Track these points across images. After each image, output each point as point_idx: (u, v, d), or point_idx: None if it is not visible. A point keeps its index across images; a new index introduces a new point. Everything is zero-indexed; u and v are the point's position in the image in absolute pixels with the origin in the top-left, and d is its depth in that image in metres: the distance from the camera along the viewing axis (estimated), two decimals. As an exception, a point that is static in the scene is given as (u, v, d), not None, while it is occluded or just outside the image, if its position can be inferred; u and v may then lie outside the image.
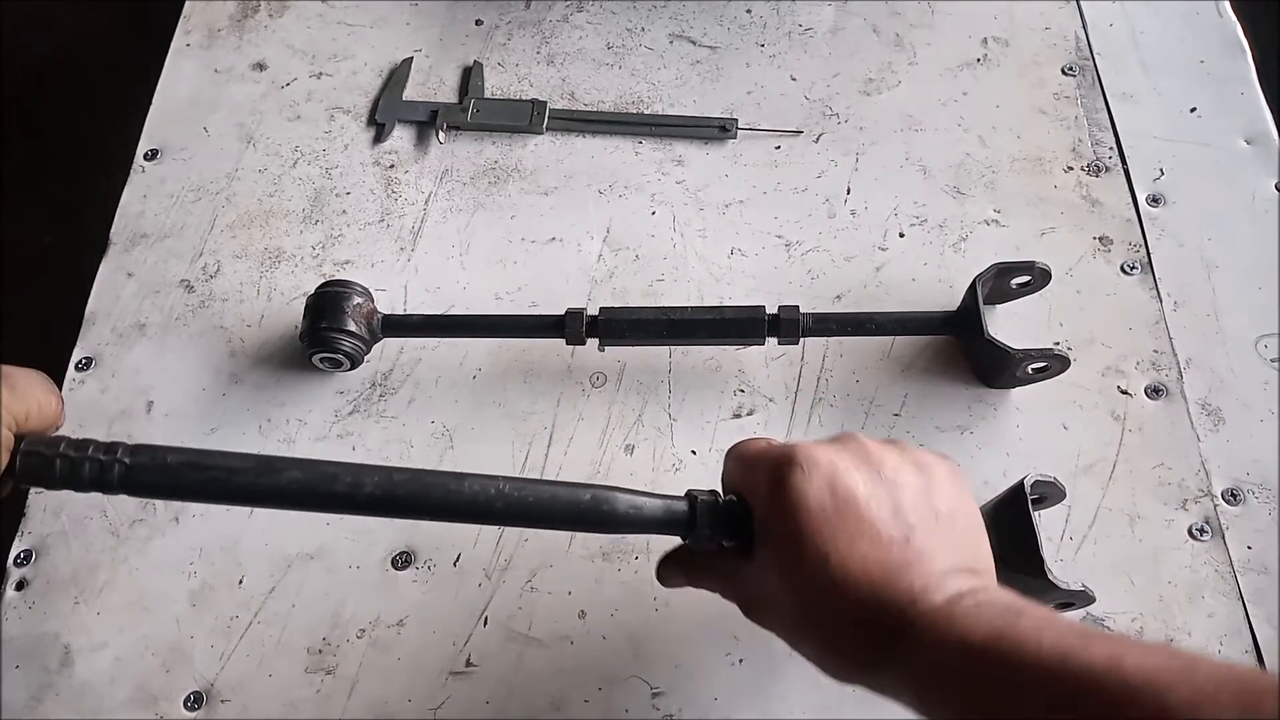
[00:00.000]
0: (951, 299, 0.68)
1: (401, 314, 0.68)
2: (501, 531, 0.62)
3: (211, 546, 0.62)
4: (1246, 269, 0.70)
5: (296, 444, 0.65)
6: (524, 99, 0.79)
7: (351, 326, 0.64)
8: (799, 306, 0.63)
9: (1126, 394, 0.65)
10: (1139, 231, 0.71)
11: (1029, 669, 0.36)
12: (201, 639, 0.59)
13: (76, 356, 0.69)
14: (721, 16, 0.84)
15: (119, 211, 0.75)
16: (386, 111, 0.79)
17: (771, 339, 0.64)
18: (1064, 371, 0.63)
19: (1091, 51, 0.80)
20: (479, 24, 0.84)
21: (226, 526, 0.62)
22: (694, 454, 0.64)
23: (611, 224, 0.74)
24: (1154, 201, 0.73)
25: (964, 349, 0.67)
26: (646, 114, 0.78)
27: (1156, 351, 0.67)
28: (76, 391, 0.68)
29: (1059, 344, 0.67)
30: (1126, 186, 0.73)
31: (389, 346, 0.68)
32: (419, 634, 0.59)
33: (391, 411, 0.66)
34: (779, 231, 0.73)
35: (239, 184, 0.76)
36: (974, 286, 0.63)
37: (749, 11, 0.84)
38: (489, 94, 0.80)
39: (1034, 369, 0.63)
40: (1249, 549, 0.60)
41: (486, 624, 0.59)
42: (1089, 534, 0.61)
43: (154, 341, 0.70)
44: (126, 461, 0.44)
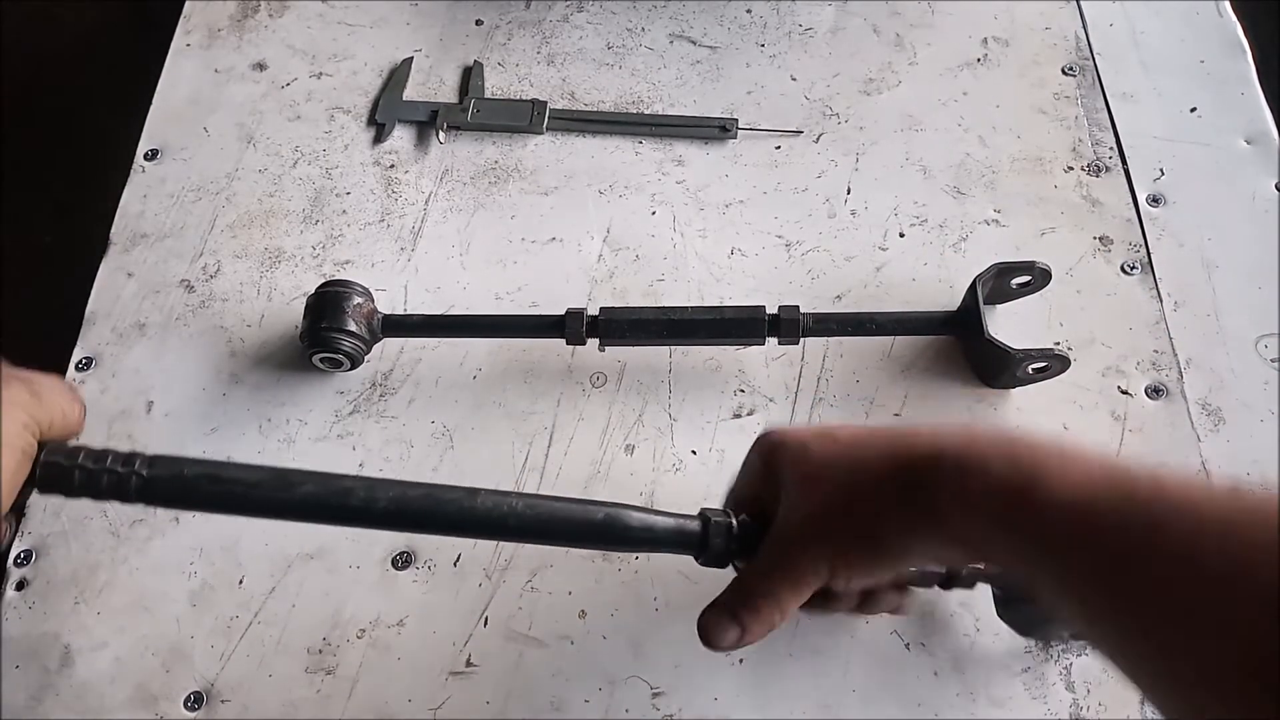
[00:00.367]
0: (951, 299, 0.68)
1: (401, 314, 0.68)
2: (501, 531, 0.62)
3: (211, 546, 0.62)
4: (1246, 269, 0.70)
5: (296, 444, 0.65)
6: (524, 99, 0.79)
7: (351, 326, 0.64)
8: (799, 306, 0.63)
9: (1127, 394, 0.65)
10: (1139, 231, 0.71)
11: (1076, 498, 0.37)
12: (201, 639, 0.59)
13: (76, 356, 0.69)
14: (721, 16, 0.84)
15: (119, 211, 0.75)
16: (386, 111, 0.79)
17: (771, 339, 0.64)
18: (1064, 371, 0.63)
19: (1092, 51, 0.80)
20: (479, 24, 0.84)
21: (226, 527, 0.62)
22: (694, 454, 0.64)
23: (612, 224, 0.74)
24: (1154, 201, 0.73)
25: (964, 349, 0.67)
26: (646, 114, 0.78)
27: (1157, 351, 0.67)
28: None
29: (1059, 344, 0.67)
30: (1126, 186, 0.73)
31: (389, 346, 0.68)
32: (419, 634, 0.59)
33: (391, 411, 0.66)
34: (779, 231, 0.73)
35: (239, 184, 0.76)
36: (974, 286, 0.63)
37: (749, 11, 0.84)
38: (489, 94, 0.80)
39: (1034, 369, 0.63)
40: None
41: (486, 624, 0.59)
42: (1089, 534, 0.61)
43: (154, 341, 0.70)
44: (144, 473, 0.45)
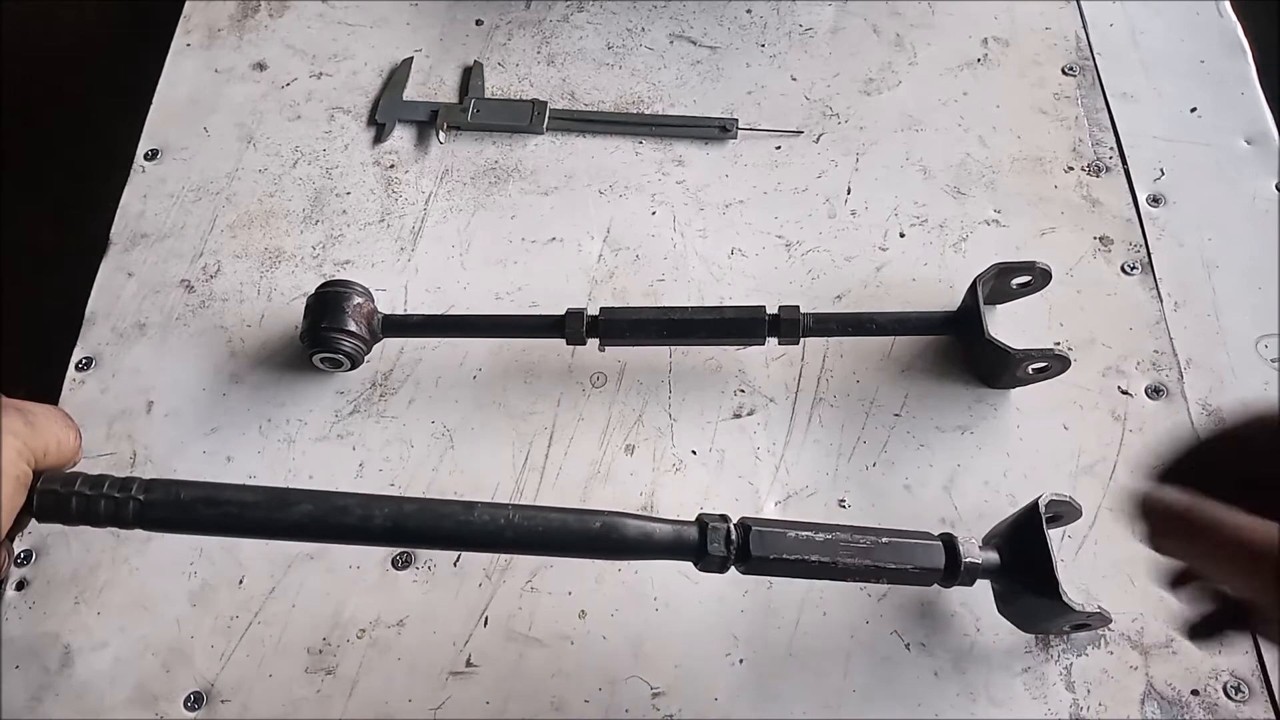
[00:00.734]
0: (952, 299, 0.68)
1: (402, 314, 0.68)
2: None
3: (211, 546, 0.62)
4: (1246, 269, 0.70)
5: (296, 444, 0.65)
6: (524, 99, 0.79)
7: (351, 326, 0.64)
8: (799, 306, 0.63)
9: (1127, 394, 0.65)
10: (1139, 231, 0.71)
11: None
12: (201, 639, 0.59)
13: (76, 356, 0.69)
14: (721, 16, 0.84)
15: (119, 211, 0.75)
16: (386, 111, 0.79)
17: (772, 339, 0.64)
18: (1064, 371, 0.63)
19: (1092, 51, 0.80)
20: (479, 24, 0.84)
21: (226, 526, 0.62)
22: (694, 454, 0.64)
23: (612, 224, 0.74)
24: (1154, 201, 0.73)
25: (964, 349, 0.67)
26: (647, 114, 0.78)
27: (1157, 351, 0.67)
28: (76, 391, 0.68)
29: (1059, 344, 0.67)
30: (1127, 186, 0.73)
31: (389, 346, 0.68)
32: (419, 634, 0.59)
33: (391, 411, 0.66)
34: (779, 231, 0.73)
35: (239, 184, 0.76)
36: (974, 286, 0.63)
37: (749, 11, 0.84)
38: (489, 94, 0.80)
39: (1034, 369, 0.63)
40: None
41: (486, 624, 0.59)
42: (1089, 534, 0.61)
43: (154, 341, 0.70)
44: (141, 498, 0.45)
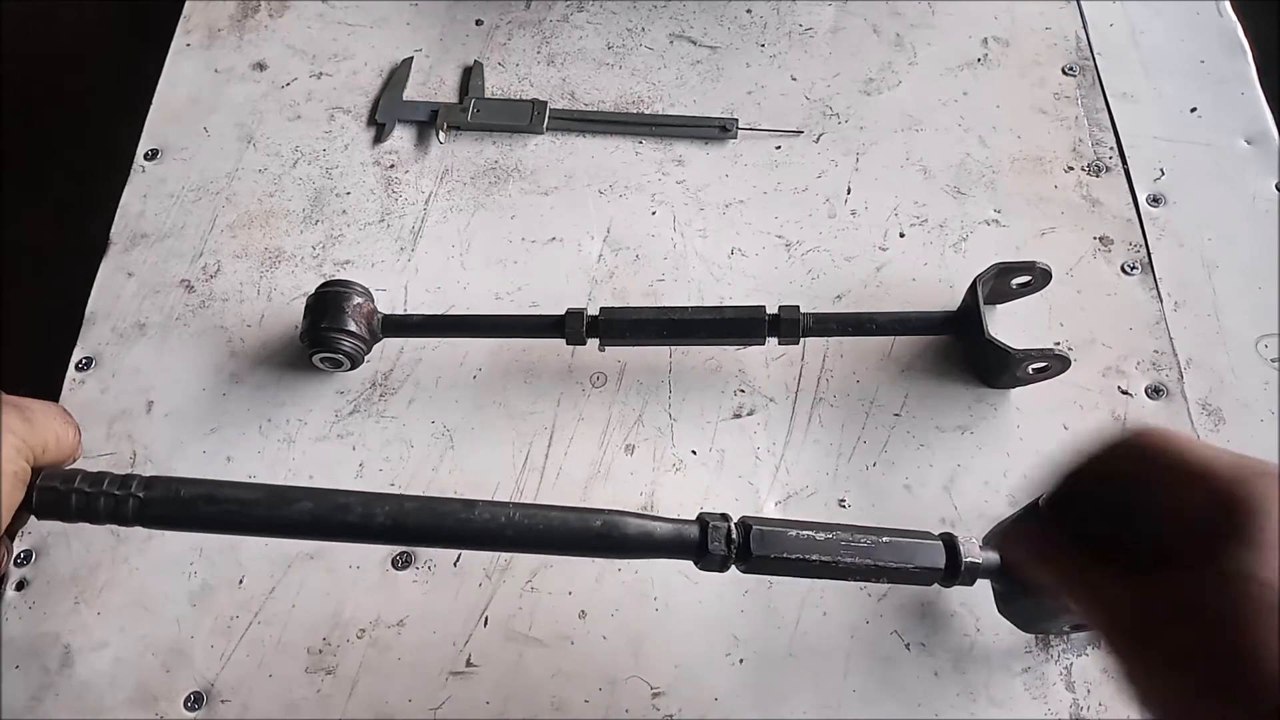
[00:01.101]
0: (952, 299, 0.68)
1: (401, 314, 0.68)
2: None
3: (211, 546, 0.62)
4: (1246, 269, 0.70)
5: (296, 444, 0.65)
6: (524, 99, 0.79)
7: (351, 326, 0.64)
8: (799, 306, 0.63)
9: (1127, 394, 0.65)
10: (1139, 231, 0.71)
11: None
12: (201, 639, 0.59)
13: (76, 356, 0.69)
14: (721, 16, 0.84)
15: (119, 211, 0.75)
16: (386, 111, 0.79)
17: (772, 339, 0.64)
18: (1064, 371, 0.63)
19: (1092, 51, 0.80)
20: (479, 24, 0.84)
21: (226, 526, 0.62)
22: (694, 454, 0.64)
23: (612, 224, 0.74)
24: (1154, 201, 0.73)
25: (964, 349, 0.67)
26: (646, 114, 0.78)
27: (1157, 351, 0.67)
28: (76, 391, 0.68)
29: (1059, 344, 0.67)
30: (1127, 186, 0.73)
31: (389, 346, 0.68)
32: (419, 634, 0.59)
33: (391, 411, 0.66)
34: (779, 231, 0.73)
35: (239, 184, 0.76)
36: (974, 286, 0.63)
37: (749, 11, 0.84)
38: (489, 94, 0.80)
39: (1034, 369, 0.63)
40: None
41: (486, 624, 0.59)
42: (1089, 534, 0.61)
43: (154, 341, 0.70)
44: (141, 495, 0.45)
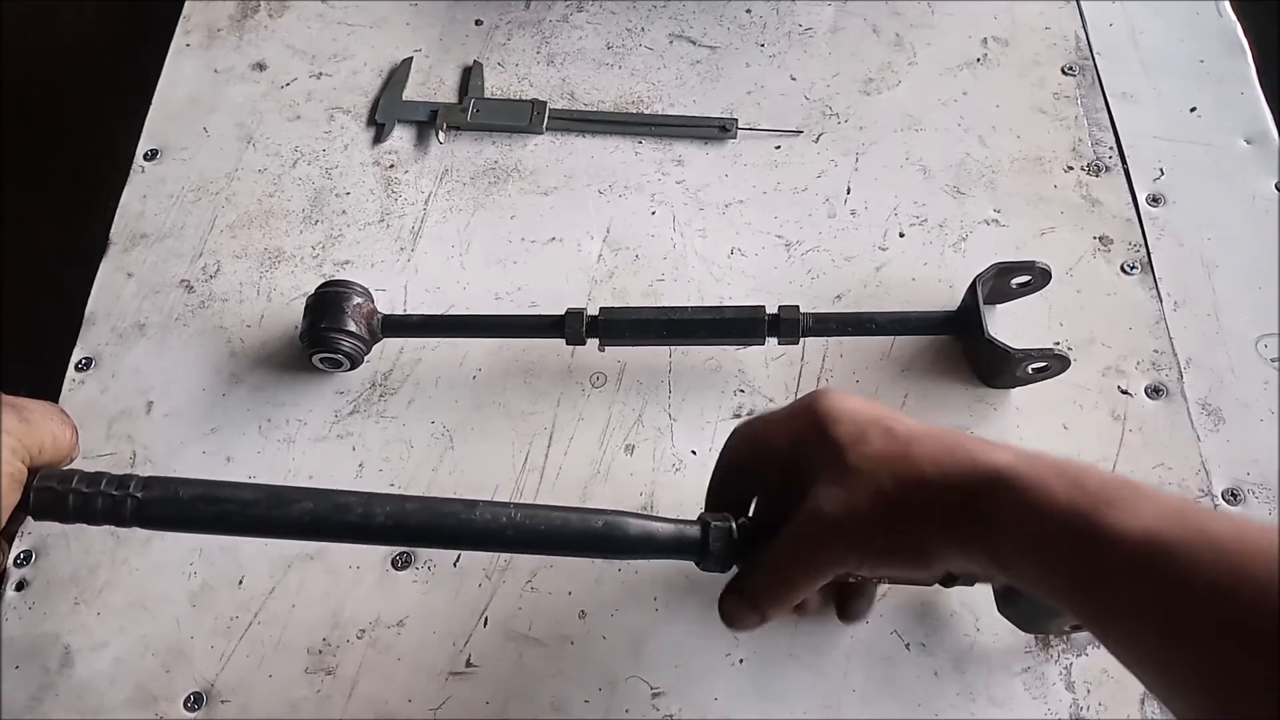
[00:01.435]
0: (951, 299, 0.68)
1: (401, 314, 0.68)
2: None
3: (211, 546, 0.62)
4: (1246, 269, 0.70)
5: (296, 444, 0.65)
6: (524, 99, 0.79)
7: (351, 326, 0.64)
8: (799, 306, 0.63)
9: (1127, 394, 0.65)
10: (1139, 231, 0.71)
11: (1141, 543, 0.37)
12: (201, 639, 0.59)
13: (76, 356, 0.69)
14: (721, 16, 0.84)
15: (119, 211, 0.75)
16: (386, 111, 0.79)
17: (771, 339, 0.64)
18: (1064, 371, 0.63)
19: (1091, 51, 0.80)
20: (479, 24, 0.84)
21: (226, 526, 0.62)
22: (694, 454, 0.64)
23: (611, 224, 0.74)
24: (1154, 201, 0.73)
25: (964, 349, 0.67)
26: (646, 114, 0.78)
27: (1156, 351, 0.67)
28: (76, 391, 0.68)
29: (1059, 344, 0.67)
30: (1126, 186, 0.73)
31: (389, 346, 0.68)
32: (419, 634, 0.59)
33: (391, 411, 0.66)
34: (779, 231, 0.73)
35: (239, 184, 0.76)
36: (974, 286, 0.64)
37: (749, 11, 0.84)
38: (489, 94, 0.80)
39: (1034, 369, 0.63)
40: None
41: (486, 624, 0.59)
42: (1089, 534, 0.61)
43: (154, 341, 0.70)
44: (139, 496, 0.45)
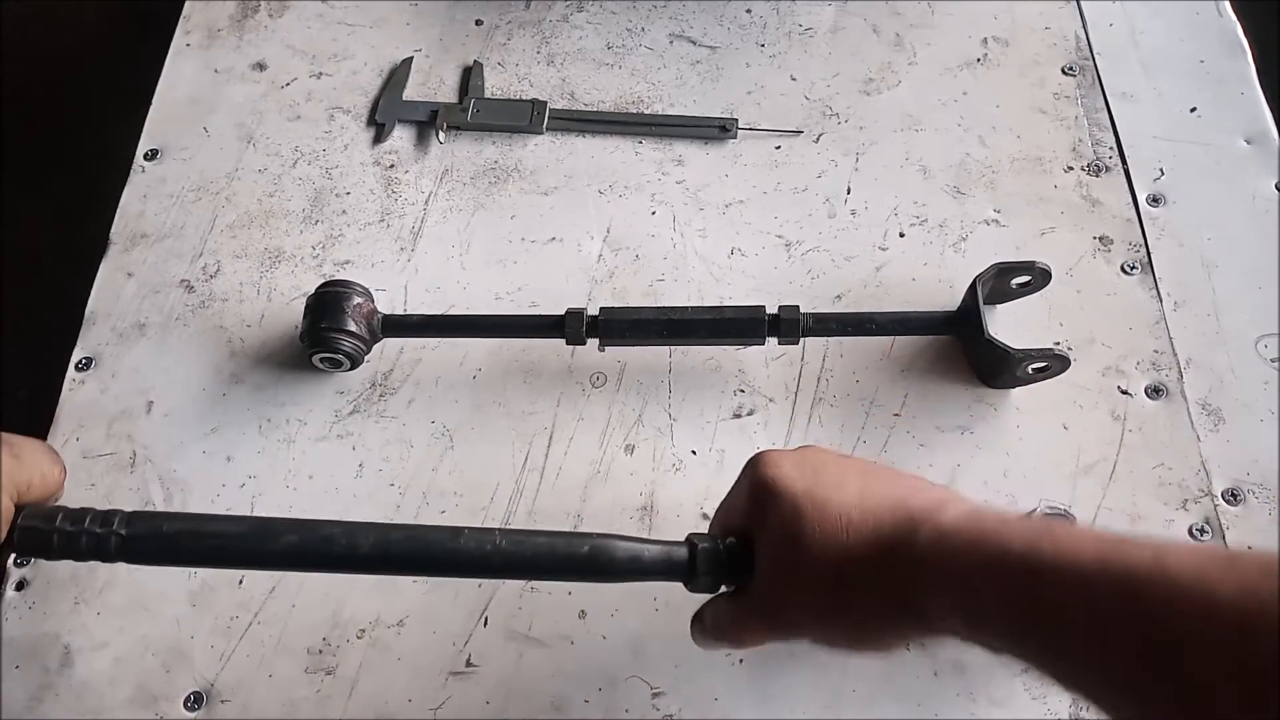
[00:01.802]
0: (951, 299, 0.68)
1: (401, 314, 0.68)
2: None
3: (211, 546, 0.62)
4: (1246, 269, 0.70)
5: (296, 444, 0.65)
6: (524, 99, 0.79)
7: (351, 326, 0.64)
8: (799, 306, 0.63)
9: (1126, 394, 0.65)
10: (1139, 231, 0.71)
11: (1071, 572, 0.36)
12: (201, 639, 0.59)
13: (76, 356, 0.69)
14: (721, 16, 0.84)
15: (119, 211, 0.75)
16: (386, 111, 0.79)
17: (771, 339, 0.64)
18: (1064, 371, 0.63)
19: (1091, 51, 0.80)
20: (479, 24, 0.84)
21: (226, 526, 0.62)
22: (694, 454, 0.64)
23: (611, 224, 0.74)
24: (1154, 201, 0.73)
25: (964, 349, 0.67)
26: (646, 114, 0.78)
27: (1156, 351, 0.67)
28: (76, 391, 0.68)
29: (1059, 344, 0.67)
30: (1126, 186, 0.73)
31: (389, 346, 0.68)
32: (419, 634, 0.59)
33: (391, 411, 0.66)
34: (779, 231, 0.73)
35: (239, 184, 0.76)
36: (974, 286, 0.63)
37: (749, 11, 0.84)
38: (489, 94, 0.80)
39: (1034, 369, 0.63)
40: (1249, 549, 0.60)
41: (486, 624, 0.59)
42: (1089, 534, 0.61)
43: (154, 341, 0.70)
44: (123, 533, 0.45)
